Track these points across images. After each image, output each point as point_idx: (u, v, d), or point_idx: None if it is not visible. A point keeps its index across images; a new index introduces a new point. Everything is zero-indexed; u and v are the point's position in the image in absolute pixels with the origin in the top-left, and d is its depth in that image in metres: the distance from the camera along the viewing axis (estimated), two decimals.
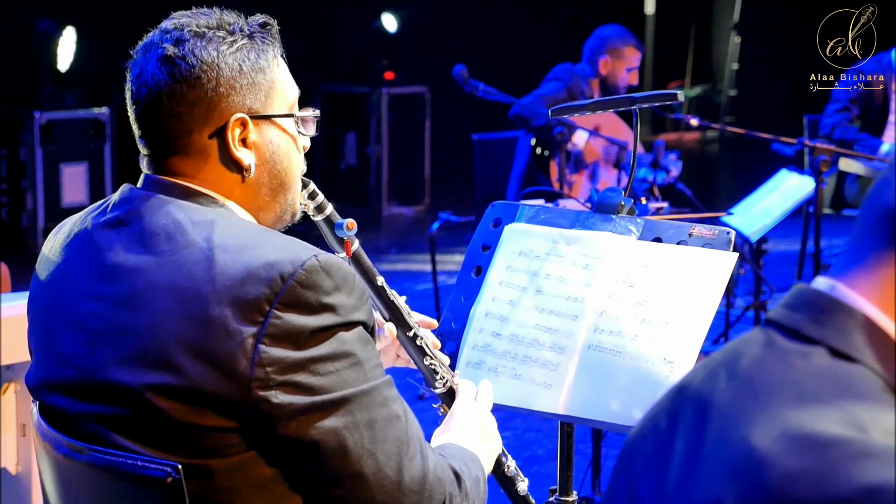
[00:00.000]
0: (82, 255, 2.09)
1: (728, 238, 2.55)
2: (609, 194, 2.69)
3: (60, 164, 8.86)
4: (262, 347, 1.92)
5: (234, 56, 2.08)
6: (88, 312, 2.04)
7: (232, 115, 2.08)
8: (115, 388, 1.98)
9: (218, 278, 1.94)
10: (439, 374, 2.43)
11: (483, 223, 2.81)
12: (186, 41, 2.07)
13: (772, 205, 6.14)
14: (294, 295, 1.94)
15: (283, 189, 2.18)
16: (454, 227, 7.06)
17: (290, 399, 1.93)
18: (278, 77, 2.15)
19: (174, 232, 2.01)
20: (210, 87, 2.06)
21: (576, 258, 2.64)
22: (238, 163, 2.10)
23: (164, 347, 1.94)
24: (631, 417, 2.47)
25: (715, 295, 2.50)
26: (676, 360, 2.46)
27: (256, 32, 2.13)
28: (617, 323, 2.55)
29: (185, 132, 2.08)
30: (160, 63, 2.06)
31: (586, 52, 6.78)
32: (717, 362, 1.32)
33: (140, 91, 2.09)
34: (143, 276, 1.99)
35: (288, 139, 2.17)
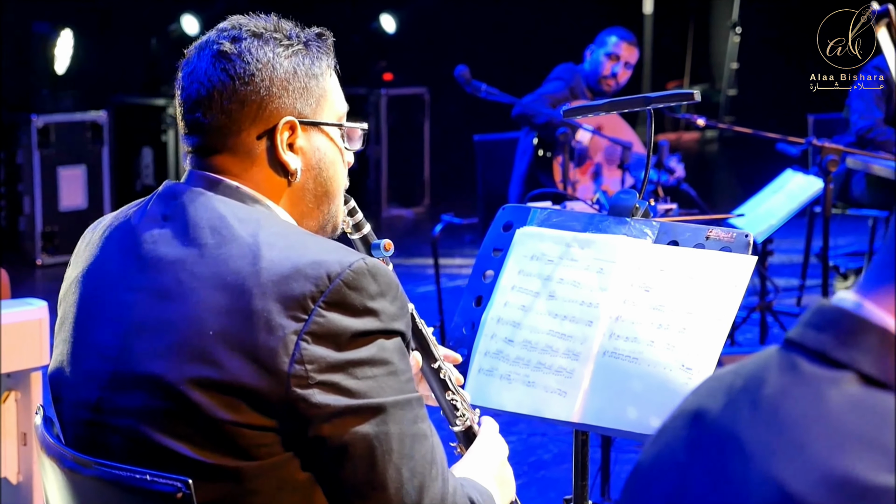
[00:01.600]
0: (122, 249, 2.05)
1: (747, 241, 2.49)
2: (623, 196, 2.63)
3: (58, 167, 8.79)
4: (303, 345, 1.88)
5: (290, 59, 2.07)
6: (126, 303, 2.00)
7: (282, 118, 2.06)
8: (151, 381, 1.93)
9: (263, 273, 1.91)
10: (460, 411, 2.36)
11: (494, 227, 2.75)
12: (243, 39, 2.05)
13: (777, 205, 6.08)
14: (340, 295, 1.90)
15: (327, 199, 2.16)
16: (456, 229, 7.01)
17: (327, 399, 1.89)
18: (330, 87, 2.14)
19: (219, 226, 1.98)
20: (263, 87, 2.04)
21: (590, 262, 2.59)
22: (285, 166, 2.08)
23: (204, 340, 1.90)
24: (648, 426, 2.41)
25: (734, 300, 2.44)
26: (695, 367, 2.41)
27: (312, 41, 2.12)
28: (633, 329, 2.49)
29: (234, 131, 2.06)
30: (215, 59, 2.05)
31: (587, 52, 6.73)
32: (736, 388, 1.22)
33: (192, 87, 2.07)
34: (185, 268, 1.96)
35: (335, 149, 2.15)
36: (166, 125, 9.45)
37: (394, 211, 10.88)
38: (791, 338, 1.22)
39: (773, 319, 6.80)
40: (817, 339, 1.19)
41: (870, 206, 7.54)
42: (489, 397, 2.55)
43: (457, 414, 2.35)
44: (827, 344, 1.18)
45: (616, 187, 6.37)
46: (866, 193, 7.51)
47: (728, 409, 1.20)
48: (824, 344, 1.18)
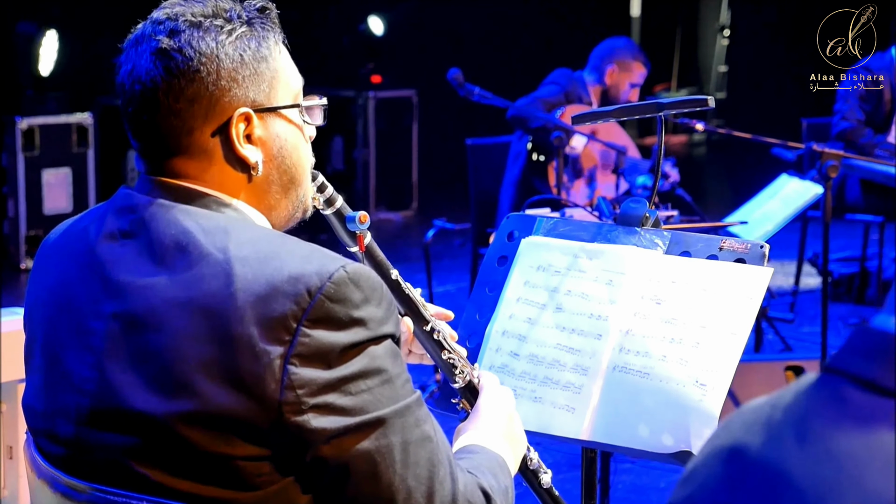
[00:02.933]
0: (84, 270, 1.92)
1: (762, 252, 2.41)
2: (632, 206, 2.55)
3: (42, 169, 8.68)
4: (291, 369, 1.77)
5: (234, 45, 1.92)
6: (97, 332, 1.87)
7: (235, 111, 1.92)
8: (133, 416, 1.82)
9: (239, 294, 1.79)
10: (458, 367, 2.27)
11: (498, 236, 2.67)
12: (182, 32, 1.90)
13: (773, 210, 6.00)
14: (323, 310, 1.79)
15: (294, 185, 2.02)
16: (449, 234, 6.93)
17: (323, 423, 1.78)
18: (281, 65, 1.99)
19: (186, 243, 1.84)
20: (210, 81, 1.90)
21: (598, 273, 2.51)
22: (244, 161, 1.94)
23: (186, 371, 1.79)
24: (661, 444, 2.34)
25: (750, 313, 2.36)
26: (709, 383, 2.32)
27: (255, 18, 1.97)
28: (644, 343, 2.41)
29: (186, 131, 1.91)
30: (154, 57, 1.90)
31: (593, 59, 6.67)
32: (776, 422, 1.14)
33: (133, 88, 1.91)
34: (156, 294, 1.83)
35: (295, 131, 2.01)
36: None
37: (382, 214, 10.80)
38: (834, 366, 1.15)
39: (768, 325, 6.73)
40: (865, 367, 1.13)
41: (864, 212, 7.48)
42: None
43: (455, 371, 2.26)
44: (876, 372, 1.12)
45: (610, 192, 6.30)
46: (860, 199, 7.45)
47: (771, 444, 1.13)
48: (873, 372, 1.12)
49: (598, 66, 6.64)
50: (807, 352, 6.48)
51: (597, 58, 6.68)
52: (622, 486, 4.94)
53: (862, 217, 7.52)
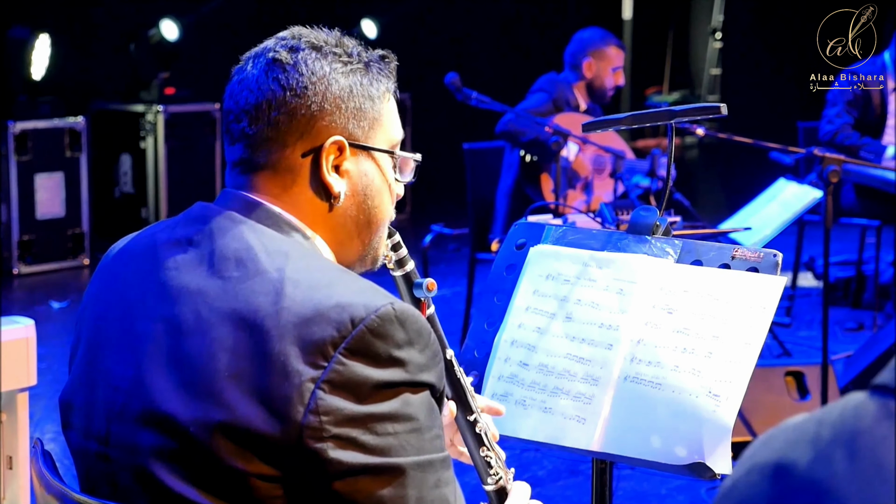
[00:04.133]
0: (144, 273, 1.93)
1: (775, 261, 2.39)
2: (643, 214, 2.52)
3: (35, 174, 8.64)
4: (319, 394, 1.74)
5: (347, 77, 1.95)
6: (142, 333, 1.87)
7: (330, 137, 1.94)
8: (161, 419, 1.81)
9: (284, 313, 1.77)
10: (493, 469, 2.21)
11: (506, 244, 2.64)
12: (301, 50, 1.94)
13: (771, 215, 5.98)
14: (363, 342, 1.76)
15: (370, 228, 2.03)
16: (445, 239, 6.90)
17: (342, 455, 1.75)
18: (386, 112, 2.02)
19: (245, 258, 1.85)
20: (315, 102, 1.93)
21: (609, 282, 2.48)
22: (328, 189, 1.96)
23: (217, 380, 1.77)
24: (674, 455, 2.31)
25: (763, 323, 2.33)
26: (723, 394, 2.30)
27: (374, 62, 2.01)
28: (655, 353, 2.38)
29: (279, 145, 1.93)
30: (268, 67, 1.94)
31: (567, 58, 6.66)
32: (825, 439, 1.12)
33: (241, 94, 1.95)
34: (205, 301, 1.83)
35: (383, 178, 2.03)
36: (145, 132, 9.30)
37: None
38: (884, 383, 1.14)
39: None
40: None
41: (859, 216, 7.47)
42: (503, 424, 2.42)
43: (490, 472, 2.20)
44: None
45: (608, 196, 6.27)
46: (856, 203, 7.44)
47: (819, 461, 1.11)
48: None
49: (574, 62, 6.63)
50: (804, 356, 6.47)
51: (570, 55, 6.67)
52: (623, 493, 4.92)
53: (859, 221, 7.51)
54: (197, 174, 9.49)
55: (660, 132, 15.06)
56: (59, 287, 8.23)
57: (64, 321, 7.41)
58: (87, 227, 8.94)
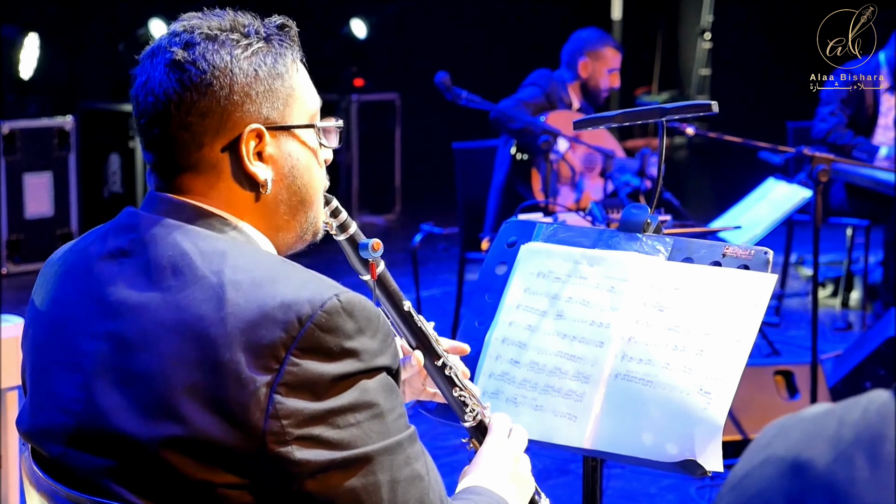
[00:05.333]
0: (81, 288, 1.89)
1: (766, 258, 2.39)
2: (634, 211, 2.52)
3: (24, 173, 8.62)
4: (277, 398, 1.72)
5: (250, 61, 1.89)
6: (86, 352, 1.83)
7: (247, 126, 1.89)
8: (119, 439, 1.78)
9: (229, 319, 1.74)
10: (469, 406, 2.21)
11: (497, 242, 2.64)
12: (197, 45, 1.87)
13: (761, 214, 5.99)
14: (313, 340, 1.74)
15: (304, 206, 1.98)
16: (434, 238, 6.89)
17: (308, 455, 1.73)
18: (298, 84, 1.96)
19: (181, 265, 1.81)
20: (223, 95, 1.87)
21: (600, 280, 2.48)
22: (253, 178, 1.90)
23: (171, 395, 1.74)
24: (665, 453, 2.31)
25: (754, 320, 2.33)
26: (714, 391, 2.30)
27: (274, 35, 1.94)
28: (646, 350, 2.38)
29: (196, 145, 1.88)
30: (168, 69, 1.87)
31: (564, 56, 6.65)
32: (846, 440, 1.11)
33: (147, 100, 1.89)
34: (148, 315, 1.79)
35: (308, 152, 1.97)
36: (134, 131, 9.28)
37: (365, 218, 10.75)
38: None
39: None
40: None
41: (849, 215, 7.48)
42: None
43: (465, 410, 2.20)
44: None
45: (597, 194, 6.27)
46: (845, 202, 7.44)
47: (839, 463, 1.10)
48: None
49: (570, 61, 6.62)
50: (793, 356, 6.47)
51: (567, 54, 6.66)
52: (612, 492, 4.92)
53: (848, 221, 7.52)
54: None
55: (649, 132, 15.06)
56: None
57: None
58: (75, 227, 8.92)
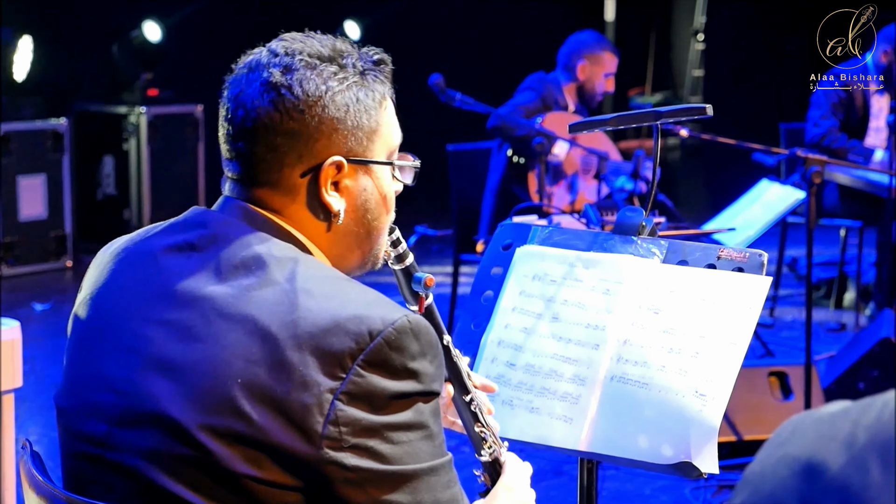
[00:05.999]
0: (142, 276, 1.92)
1: (761, 261, 2.40)
2: (629, 214, 2.53)
3: (18, 175, 8.62)
4: (338, 405, 1.76)
5: (343, 94, 1.93)
6: (145, 336, 1.86)
7: (329, 157, 1.94)
8: (165, 422, 1.80)
9: (300, 323, 1.78)
10: (488, 442, 2.24)
11: (492, 245, 2.65)
12: (296, 70, 1.92)
13: (755, 216, 6.00)
14: (380, 354, 1.79)
15: (370, 239, 2.04)
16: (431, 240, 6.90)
17: (359, 463, 1.77)
18: (384, 120, 2.01)
19: (255, 266, 1.85)
20: (312, 124, 1.92)
21: (595, 283, 2.49)
22: (327, 207, 1.96)
23: (230, 387, 1.77)
24: (660, 455, 2.32)
25: (749, 322, 2.34)
26: (709, 394, 2.31)
27: (369, 70, 1.98)
28: (642, 352, 2.39)
29: (278, 166, 1.93)
30: (264, 88, 1.92)
31: (561, 58, 6.66)
32: (859, 443, 1.11)
33: (237, 112, 1.94)
34: (214, 307, 1.83)
35: (381, 189, 2.03)
36: (128, 133, 9.28)
37: None
38: None
39: None
40: None
41: (842, 217, 7.50)
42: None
43: (484, 445, 2.23)
44: None
45: (591, 196, 6.28)
46: (838, 204, 7.46)
47: (852, 466, 1.10)
48: None
49: (568, 63, 6.63)
50: (787, 357, 6.49)
51: (565, 56, 6.66)
52: (606, 493, 4.93)
53: (841, 222, 7.54)
54: (180, 176, 9.47)
55: (642, 133, 15.07)
56: (42, 289, 8.20)
57: (47, 323, 7.39)
58: (69, 229, 8.92)
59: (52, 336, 6.94)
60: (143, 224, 9.12)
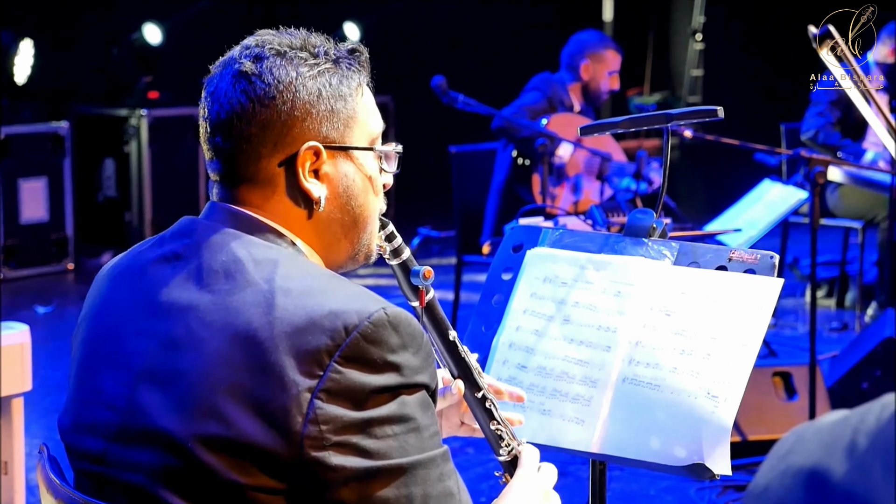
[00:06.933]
0: (133, 289, 1.93)
1: (772, 262, 2.40)
2: (639, 216, 2.54)
3: (19, 179, 8.63)
4: (317, 403, 1.75)
5: (315, 80, 1.93)
6: (134, 350, 1.87)
7: (304, 143, 1.93)
8: (160, 436, 1.81)
9: (277, 324, 1.78)
10: (505, 440, 2.20)
11: (503, 247, 2.65)
12: (265, 59, 1.92)
13: (757, 216, 6.00)
14: (357, 349, 1.77)
15: (357, 228, 2.02)
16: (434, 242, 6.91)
17: (344, 461, 1.76)
18: (361, 108, 2.00)
19: (234, 270, 1.85)
20: (284, 110, 1.91)
21: (606, 285, 2.49)
22: (307, 195, 1.95)
23: (213, 394, 1.77)
24: (673, 456, 2.32)
25: (761, 324, 2.35)
26: (721, 395, 2.31)
27: (343, 58, 1.99)
28: (653, 354, 2.40)
29: (255, 157, 1.93)
30: (235, 79, 1.93)
31: (565, 58, 6.67)
32: (861, 448, 1.11)
33: (212, 108, 1.95)
34: (195, 316, 1.83)
35: (364, 175, 2.01)
36: (128, 136, 9.29)
37: None
38: None
39: None
40: None
41: (843, 217, 7.50)
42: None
43: (501, 444, 2.20)
44: None
45: (595, 197, 6.29)
46: (840, 204, 7.47)
47: (855, 472, 1.10)
48: None
49: (571, 63, 6.64)
50: (791, 357, 6.49)
51: (568, 56, 6.67)
52: (612, 493, 4.93)
53: (843, 221, 7.54)
54: (180, 178, 9.48)
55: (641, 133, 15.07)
56: (44, 292, 8.21)
57: (49, 326, 7.38)
58: (70, 232, 8.93)
59: (54, 339, 6.93)
60: (144, 226, 9.15)
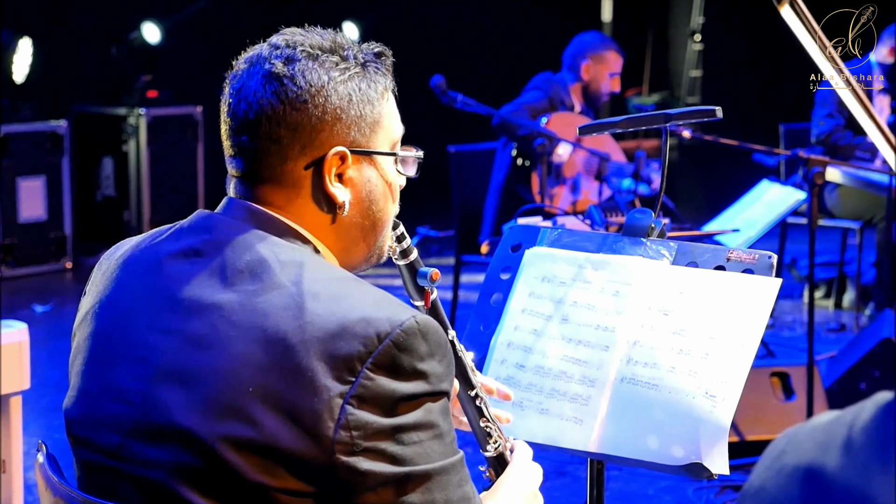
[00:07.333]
0: (148, 283, 1.92)
1: (770, 262, 2.41)
2: (638, 216, 2.54)
3: (17, 177, 8.62)
4: (349, 409, 1.76)
5: (345, 85, 1.93)
6: (154, 346, 1.86)
7: (332, 148, 1.93)
8: (180, 434, 1.80)
9: (308, 328, 1.78)
10: (493, 437, 2.23)
11: (501, 247, 2.66)
12: (297, 61, 1.91)
13: (755, 216, 6.01)
14: (389, 357, 1.78)
15: (375, 231, 2.03)
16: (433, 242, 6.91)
17: (373, 467, 1.77)
18: (386, 112, 2.01)
19: (260, 270, 1.85)
20: (315, 114, 1.91)
21: (604, 284, 2.50)
22: (332, 199, 1.95)
23: (241, 395, 1.77)
24: (671, 456, 2.33)
25: (759, 324, 2.36)
26: (719, 395, 2.32)
27: (370, 62, 1.99)
28: (652, 354, 2.40)
29: (281, 159, 1.93)
30: (266, 80, 1.91)
31: (566, 59, 6.67)
32: (857, 445, 1.11)
33: (239, 106, 1.93)
34: (222, 315, 1.82)
35: (385, 180, 2.02)
36: (127, 135, 9.28)
37: None
38: None
39: None
40: None
41: (841, 217, 7.50)
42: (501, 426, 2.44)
43: (489, 441, 2.23)
44: None
45: (593, 197, 6.29)
46: (838, 204, 7.47)
47: (853, 468, 1.10)
48: None
49: (573, 64, 6.64)
50: (788, 357, 6.50)
51: (569, 56, 6.68)
52: (610, 494, 4.93)
53: (841, 222, 7.54)
54: (179, 177, 9.48)
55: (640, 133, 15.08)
56: (42, 290, 8.21)
57: (47, 325, 7.38)
58: (69, 231, 8.93)
59: (52, 338, 6.94)
60: (143, 225, 9.14)
